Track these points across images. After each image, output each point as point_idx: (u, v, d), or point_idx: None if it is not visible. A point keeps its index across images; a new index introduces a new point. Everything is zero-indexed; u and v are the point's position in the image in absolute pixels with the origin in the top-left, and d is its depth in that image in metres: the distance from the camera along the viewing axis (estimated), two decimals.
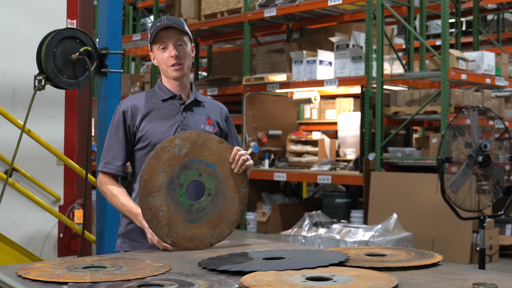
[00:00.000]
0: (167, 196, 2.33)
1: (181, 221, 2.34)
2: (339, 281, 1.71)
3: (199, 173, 2.38)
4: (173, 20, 2.54)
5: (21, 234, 4.61)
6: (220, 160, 2.40)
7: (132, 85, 12.05)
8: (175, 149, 2.35)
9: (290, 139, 10.27)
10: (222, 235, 2.41)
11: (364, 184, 8.20)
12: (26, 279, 1.82)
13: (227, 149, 2.43)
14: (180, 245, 2.34)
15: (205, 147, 2.40)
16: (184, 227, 2.34)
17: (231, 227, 2.42)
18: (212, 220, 2.38)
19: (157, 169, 2.33)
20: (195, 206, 2.37)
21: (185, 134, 2.38)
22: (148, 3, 13.39)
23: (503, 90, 11.02)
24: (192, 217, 2.36)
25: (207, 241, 2.37)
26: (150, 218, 2.31)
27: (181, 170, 2.35)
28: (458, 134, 4.75)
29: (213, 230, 2.38)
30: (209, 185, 2.39)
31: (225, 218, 2.40)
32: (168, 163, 2.34)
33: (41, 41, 3.85)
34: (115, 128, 2.56)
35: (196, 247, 2.36)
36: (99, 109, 3.99)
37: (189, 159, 2.36)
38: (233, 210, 2.42)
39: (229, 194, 2.42)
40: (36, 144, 4.45)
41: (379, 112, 8.30)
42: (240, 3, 10.02)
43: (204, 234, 2.36)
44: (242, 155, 2.41)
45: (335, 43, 9.09)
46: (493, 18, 13.63)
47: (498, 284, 1.67)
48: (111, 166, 2.54)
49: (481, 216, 4.47)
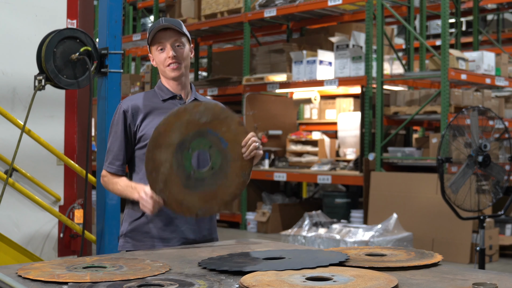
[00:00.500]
0: (174, 155, 2.33)
1: (178, 183, 2.34)
2: (339, 281, 1.71)
3: (210, 145, 2.38)
4: (171, 21, 2.56)
5: (21, 234, 4.61)
6: (234, 140, 2.41)
7: (132, 85, 12.04)
8: (197, 115, 2.36)
9: (290, 139, 10.27)
10: (210, 210, 2.40)
11: (364, 184, 8.20)
12: (26, 279, 1.82)
13: (243, 133, 2.43)
14: (169, 204, 2.35)
15: (225, 123, 2.40)
16: (178, 189, 2.35)
17: (221, 207, 2.42)
18: (206, 193, 2.38)
19: (174, 126, 2.34)
20: (195, 174, 2.37)
21: (211, 104, 2.40)
22: (148, 3, 13.39)
23: (503, 90, 11.02)
24: (189, 184, 2.36)
25: (194, 211, 2.37)
26: (151, 169, 2.32)
27: (195, 136, 2.36)
28: (458, 134, 4.75)
29: (203, 203, 2.38)
30: (215, 160, 2.39)
31: (219, 196, 2.40)
32: (186, 125, 2.35)
33: (41, 41, 3.85)
34: (115, 127, 2.58)
35: (182, 213, 2.37)
36: (99, 109, 3.99)
37: (207, 129, 2.37)
38: (228, 192, 2.42)
39: (230, 175, 2.41)
40: (36, 144, 4.45)
41: (379, 112, 8.31)
42: (240, 3, 10.02)
43: (193, 203, 2.37)
44: (255, 141, 2.41)
45: (335, 43, 9.09)
46: (493, 18, 13.63)
47: (498, 284, 1.67)
48: (112, 166, 2.57)
49: (481, 216, 4.47)
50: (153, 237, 2.53)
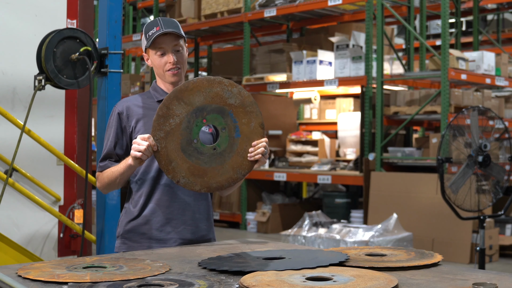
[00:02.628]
0: (188, 115, 2.32)
1: (178, 142, 2.32)
2: (339, 281, 1.71)
3: (224, 127, 2.36)
4: (169, 24, 2.53)
5: (21, 234, 4.61)
6: (247, 136, 2.39)
7: (132, 85, 12.04)
8: (227, 93, 2.35)
9: (290, 139, 10.27)
10: (191, 185, 2.35)
11: (364, 184, 8.20)
12: (26, 279, 1.82)
13: (258, 135, 2.41)
14: (158, 156, 2.31)
15: (248, 116, 2.39)
16: (175, 148, 2.32)
17: (203, 188, 2.37)
18: (197, 167, 2.34)
19: (202, 89, 2.32)
20: (197, 144, 2.34)
21: (245, 93, 2.38)
22: (148, 3, 13.39)
23: (503, 90, 11.02)
24: (187, 149, 2.33)
25: (177, 176, 2.33)
26: (162, 114, 2.30)
27: (216, 111, 2.34)
28: (458, 134, 4.75)
29: (190, 175, 2.34)
30: (221, 142, 2.37)
31: (207, 177, 2.36)
32: (213, 96, 2.33)
33: (41, 41, 3.85)
34: (109, 129, 2.58)
35: (167, 171, 2.32)
36: (99, 109, 3.99)
37: (229, 110, 2.36)
38: (217, 179, 2.38)
39: (226, 166, 2.39)
40: (36, 144, 4.45)
41: (379, 112, 8.31)
42: (240, 3, 10.02)
43: (181, 169, 2.33)
44: (265, 147, 2.39)
45: (335, 43, 9.09)
46: (493, 18, 13.63)
47: (498, 284, 1.67)
48: (102, 163, 2.56)
49: (481, 216, 4.47)
50: (150, 238, 2.51)
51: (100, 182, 2.57)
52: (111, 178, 2.49)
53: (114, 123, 2.56)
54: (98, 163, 2.59)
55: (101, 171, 2.56)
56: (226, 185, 2.40)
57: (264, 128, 2.43)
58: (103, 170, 2.55)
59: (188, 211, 2.55)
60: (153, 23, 2.55)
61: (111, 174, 2.49)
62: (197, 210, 2.57)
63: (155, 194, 2.52)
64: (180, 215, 2.54)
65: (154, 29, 2.52)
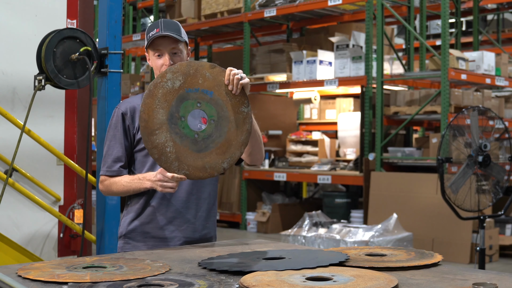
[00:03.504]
0: (171, 131, 2.32)
1: (190, 152, 2.33)
2: (339, 281, 1.71)
3: (197, 102, 2.36)
4: (170, 26, 2.53)
5: (21, 234, 4.61)
6: (215, 85, 2.38)
7: (132, 85, 12.04)
8: (168, 84, 2.34)
9: (290, 139, 10.27)
10: (233, 158, 2.39)
11: (364, 184, 8.20)
12: (26, 279, 1.82)
13: (220, 73, 2.40)
14: (193, 175, 2.34)
15: (198, 75, 2.37)
16: (193, 157, 2.33)
17: (241, 148, 2.40)
18: (220, 145, 2.37)
19: (154, 107, 2.32)
20: (200, 135, 2.35)
21: (175, 67, 2.37)
22: (148, 3, 13.39)
23: (503, 90, 11.02)
24: (200, 147, 2.35)
25: (219, 167, 2.36)
26: (158, 155, 2.31)
27: (179, 103, 2.34)
28: (458, 134, 4.75)
29: (223, 155, 2.37)
30: (210, 112, 2.37)
31: (233, 141, 2.38)
32: (164, 99, 2.33)
33: (41, 41, 3.85)
34: (113, 130, 2.56)
35: (210, 175, 2.36)
36: (99, 109, 3.99)
37: (184, 90, 2.35)
38: (239, 132, 2.40)
39: (231, 117, 2.39)
40: (36, 144, 4.45)
41: (379, 112, 8.30)
42: (240, 3, 10.02)
43: (215, 161, 2.35)
44: (236, 74, 2.37)
45: (335, 43, 9.09)
46: (493, 18, 13.63)
47: (498, 284, 1.67)
48: (113, 168, 2.53)
49: (481, 216, 4.47)
50: (154, 237, 2.52)
51: (105, 187, 2.56)
52: (121, 190, 2.51)
53: (119, 124, 2.54)
54: (103, 164, 2.55)
55: (110, 175, 2.53)
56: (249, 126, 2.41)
57: (216, 65, 2.40)
58: (113, 176, 2.53)
59: (191, 209, 2.55)
60: (155, 24, 2.55)
61: (122, 187, 2.49)
62: (200, 208, 2.57)
63: (157, 192, 2.52)
64: (183, 213, 2.54)
65: (154, 31, 2.53)
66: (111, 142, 2.56)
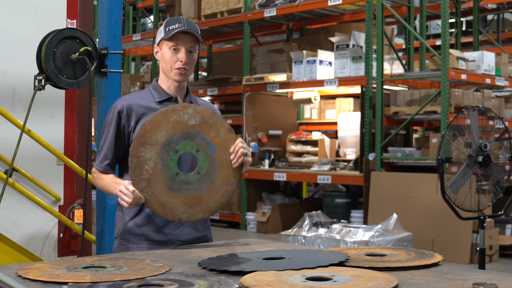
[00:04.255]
0: (159, 155, 2.32)
1: (162, 183, 2.32)
2: (339, 281, 1.71)
3: (197, 149, 2.37)
4: (192, 25, 2.54)
5: (21, 234, 4.61)
6: (222, 146, 2.39)
7: (132, 85, 12.04)
8: (185, 116, 2.36)
9: (290, 139, 10.26)
10: (193, 216, 2.36)
11: (364, 184, 8.20)
12: (26, 279, 1.82)
13: (232, 140, 2.42)
14: (150, 204, 2.32)
15: (214, 128, 2.39)
16: (162, 190, 2.32)
17: (205, 214, 2.38)
18: (191, 197, 2.35)
19: (161, 125, 2.33)
20: (180, 176, 2.35)
21: (200, 108, 2.39)
22: (148, 3, 13.39)
23: (503, 90, 11.02)
24: (173, 185, 2.34)
25: (177, 214, 2.34)
26: (135, 166, 2.31)
27: (182, 138, 2.34)
28: (458, 134, 4.75)
29: (188, 208, 2.35)
30: (202, 164, 2.38)
31: (204, 202, 2.37)
32: (173, 125, 2.34)
33: (41, 41, 3.85)
34: (107, 128, 2.57)
35: (165, 215, 2.33)
36: (99, 109, 3.99)
37: (194, 131, 2.36)
38: (214, 199, 2.39)
39: (217, 182, 2.39)
40: (36, 144, 4.45)
41: (379, 112, 8.30)
42: (240, 3, 10.02)
43: (177, 207, 2.34)
44: (243, 147, 2.40)
45: (335, 43, 9.09)
46: (493, 18, 13.63)
47: (498, 284, 1.67)
48: (101, 165, 2.56)
49: (481, 216, 4.47)
50: (148, 239, 2.49)
51: (94, 179, 2.62)
52: (101, 188, 2.55)
53: (113, 122, 2.54)
54: (97, 158, 2.59)
55: (99, 171, 2.57)
56: (225, 200, 2.41)
57: (233, 131, 2.44)
58: (101, 171, 2.56)
59: None
60: (177, 19, 2.56)
61: (102, 186, 2.53)
62: None
63: None
64: None
65: (176, 25, 2.52)
66: (105, 139, 2.58)
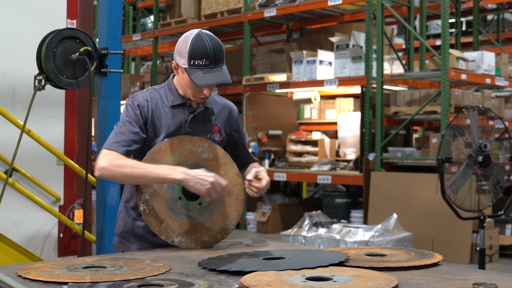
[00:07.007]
0: None
1: (163, 202, 2.36)
2: (339, 281, 1.71)
3: None
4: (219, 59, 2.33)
5: (21, 234, 4.61)
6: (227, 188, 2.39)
7: (132, 85, 12.03)
8: (200, 149, 2.41)
9: (290, 139, 10.26)
10: (186, 243, 2.38)
11: (364, 184, 8.20)
12: (26, 279, 1.82)
13: (238, 185, 2.47)
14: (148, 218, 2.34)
15: (223, 167, 2.45)
16: (162, 208, 2.36)
17: (198, 245, 2.39)
18: (188, 223, 2.38)
19: (175, 149, 2.37)
20: (182, 201, 2.38)
21: (215, 146, 2.44)
22: (148, 3, 13.39)
23: (503, 90, 11.02)
24: (174, 207, 2.37)
25: (171, 236, 2.36)
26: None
27: (193, 167, 2.36)
28: (458, 134, 4.75)
29: (183, 233, 2.37)
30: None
31: (199, 232, 2.40)
32: (187, 153, 2.39)
33: (41, 41, 3.85)
34: (132, 117, 2.39)
35: (160, 233, 2.34)
36: (99, 109, 3.99)
37: (205, 165, 2.41)
38: (209, 233, 2.41)
39: (215, 218, 2.43)
40: (36, 144, 4.45)
41: (379, 112, 8.30)
42: (240, 3, 10.02)
43: (173, 229, 2.36)
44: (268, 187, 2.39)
45: (335, 43, 9.09)
46: (493, 18, 13.63)
47: (498, 284, 1.67)
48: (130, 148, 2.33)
49: (481, 216, 4.47)
50: (147, 241, 2.48)
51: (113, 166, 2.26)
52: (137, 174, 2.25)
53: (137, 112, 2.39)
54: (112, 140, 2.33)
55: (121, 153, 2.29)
56: (220, 237, 2.44)
57: (241, 176, 2.49)
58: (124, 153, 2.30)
59: None
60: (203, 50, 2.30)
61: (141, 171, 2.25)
62: None
63: None
64: None
65: (204, 61, 2.31)
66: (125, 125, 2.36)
